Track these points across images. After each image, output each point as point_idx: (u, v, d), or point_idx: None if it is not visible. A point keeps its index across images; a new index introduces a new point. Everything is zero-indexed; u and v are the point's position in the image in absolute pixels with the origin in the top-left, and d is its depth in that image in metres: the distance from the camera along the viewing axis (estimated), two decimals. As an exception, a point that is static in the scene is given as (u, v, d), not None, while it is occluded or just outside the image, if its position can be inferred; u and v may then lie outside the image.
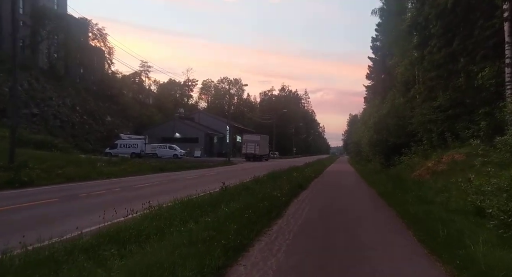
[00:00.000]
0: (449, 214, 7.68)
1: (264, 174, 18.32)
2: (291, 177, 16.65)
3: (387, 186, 13.68)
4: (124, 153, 43.21)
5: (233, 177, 17.93)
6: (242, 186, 12.50)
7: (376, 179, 17.81)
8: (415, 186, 12.65)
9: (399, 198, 10.40)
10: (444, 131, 20.62)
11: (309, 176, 19.34)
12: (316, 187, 15.28)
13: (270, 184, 13.34)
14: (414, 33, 26.71)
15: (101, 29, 63.96)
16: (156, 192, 11.99)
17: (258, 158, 54.47)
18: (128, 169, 20.53)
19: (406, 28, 26.71)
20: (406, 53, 32.36)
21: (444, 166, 15.73)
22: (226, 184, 12.95)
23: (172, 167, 27.30)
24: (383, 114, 26.76)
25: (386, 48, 48.61)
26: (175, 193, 10.47)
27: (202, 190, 12.00)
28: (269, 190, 11.63)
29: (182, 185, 15.27)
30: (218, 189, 11.31)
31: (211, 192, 11.20)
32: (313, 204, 10.27)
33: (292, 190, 12.35)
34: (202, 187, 12.69)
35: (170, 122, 67.34)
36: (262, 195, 10.43)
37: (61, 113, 45.71)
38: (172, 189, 13.08)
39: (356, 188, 15.45)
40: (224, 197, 9.82)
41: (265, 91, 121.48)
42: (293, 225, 7.24)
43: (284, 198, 10.19)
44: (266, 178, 16.17)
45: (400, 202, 9.72)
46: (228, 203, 8.97)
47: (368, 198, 11.83)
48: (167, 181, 16.96)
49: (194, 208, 7.81)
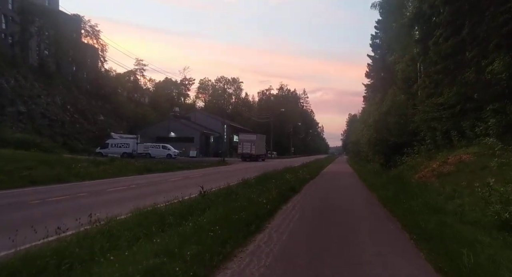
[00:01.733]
0: (468, 229, 6.26)
1: (255, 176, 16.95)
2: (284, 179, 15.21)
3: (389, 189, 12.24)
4: (115, 153, 41.80)
5: (221, 179, 16.50)
6: (225, 191, 11.06)
7: (376, 181, 16.37)
8: (420, 190, 11.21)
9: (403, 205, 8.96)
10: (449, 130, 19.25)
11: (303, 178, 17.88)
12: (310, 190, 13.75)
13: (258, 188, 11.89)
14: (415, 27, 25.45)
15: (94, 26, 62.68)
16: (124, 198, 10.54)
17: (255, 158, 52.98)
18: (109, 170, 19.05)
19: (408, 22, 25.38)
20: (407, 48, 31.14)
21: (451, 168, 14.31)
22: (210, 188, 11.57)
23: (161, 167, 25.84)
24: (383, 112, 25.36)
25: (386, 45, 47.43)
26: (145, 199, 9.04)
27: (180, 195, 10.56)
28: (255, 195, 10.19)
29: (161, 188, 13.81)
30: (197, 194, 9.87)
31: (188, 198, 9.76)
32: (303, 213, 8.78)
33: (282, 195, 10.90)
34: (183, 191, 11.24)
35: (165, 121, 65.84)
36: (245, 201, 9.00)
37: (50, 111, 44.23)
38: (146, 193, 11.61)
39: (354, 192, 13.96)
40: (200, 205, 8.38)
41: (263, 90, 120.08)
42: (275, 244, 5.79)
43: (271, 205, 8.74)
44: (256, 181, 14.72)
45: (405, 210, 8.27)
46: (202, 213, 7.54)
47: (368, 205, 10.31)
48: (146, 184, 15.47)
49: (155, 221, 6.37)
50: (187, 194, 10.63)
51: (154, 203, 7.85)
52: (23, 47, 49.61)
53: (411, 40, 32.64)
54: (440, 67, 14.11)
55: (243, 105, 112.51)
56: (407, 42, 31.41)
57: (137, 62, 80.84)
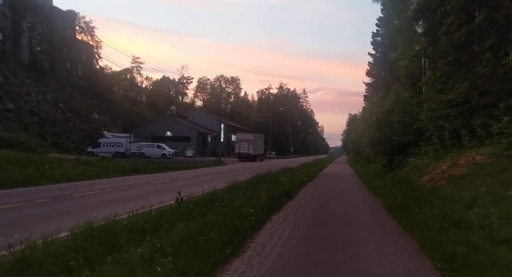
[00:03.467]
0: (506, 252, 4.83)
1: (247, 178, 15.54)
2: (278, 183, 13.77)
3: (396, 195, 10.80)
4: (107, 152, 40.40)
5: (211, 181, 15.07)
6: (209, 196, 9.63)
7: (380, 184, 14.92)
8: (432, 196, 9.77)
9: (415, 215, 7.52)
10: (459, 128, 17.82)
11: (300, 180, 16.43)
12: (306, 196, 12.25)
13: (247, 193, 10.46)
14: (420, 20, 24.08)
15: (88, 22, 61.26)
16: (87, 206, 9.06)
17: (252, 158, 51.54)
18: (89, 171, 17.58)
19: (413, 14, 23.99)
20: (411, 44, 29.81)
21: (464, 170, 12.87)
22: (193, 192, 10.18)
23: (151, 168, 24.39)
24: (386, 109, 23.88)
25: (387, 42, 46.20)
26: (111, 207, 7.63)
27: (157, 201, 9.15)
28: (242, 201, 8.77)
29: (139, 192, 12.35)
30: (174, 201, 8.45)
31: (163, 206, 8.34)
32: (296, 226, 7.25)
33: (273, 201, 9.45)
34: (162, 196, 9.87)
35: (161, 120, 64.44)
36: (229, 210, 7.58)
37: (40, 109, 42.72)
38: (118, 199, 10.12)
39: (356, 198, 12.45)
40: (172, 216, 6.94)
41: (262, 90, 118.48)
42: (254, 275, 4.36)
43: (258, 215, 7.29)
44: (247, 184, 13.29)
45: (419, 223, 6.83)
46: (170, 228, 6.10)
47: (374, 215, 8.80)
48: (125, 187, 13.94)
49: (102, 242, 4.93)
50: (166, 199, 9.22)
51: (115, 214, 6.42)
52: (14, 43, 48.11)
53: (415, 35, 31.35)
54: (451, 59, 12.70)
55: (242, 104, 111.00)
56: (410, 37, 30.12)
57: (133, 60, 79.32)
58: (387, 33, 44.14)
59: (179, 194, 8.30)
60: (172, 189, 11.63)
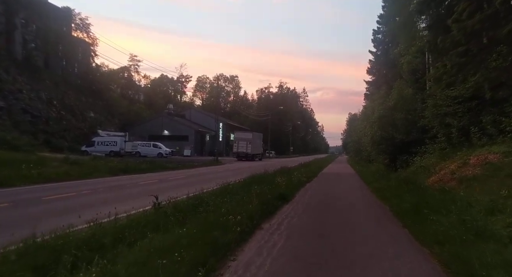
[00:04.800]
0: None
1: (242, 179, 14.47)
2: (274, 183, 12.70)
3: (403, 198, 9.70)
4: (102, 151, 39.32)
5: (203, 182, 14.03)
6: (194, 200, 8.55)
7: (384, 186, 13.83)
8: (445, 199, 8.69)
9: (431, 224, 6.44)
10: (467, 126, 16.75)
11: (298, 180, 15.33)
12: (304, 199, 11.10)
13: (238, 196, 9.38)
14: (425, 13, 23.07)
15: (84, 19, 60.07)
16: (51, 212, 7.96)
17: (251, 157, 50.43)
18: (72, 171, 16.47)
19: (416, 7, 22.96)
20: (414, 38, 28.85)
21: (476, 170, 11.80)
22: (177, 196, 9.13)
23: (143, 168, 23.30)
24: (389, 107, 22.80)
25: (388, 39, 45.29)
26: (78, 214, 6.55)
27: (135, 206, 8.09)
28: (231, 206, 7.71)
29: (120, 195, 11.25)
30: (151, 207, 7.38)
31: (138, 212, 7.27)
32: (290, 237, 6.07)
33: (266, 206, 8.36)
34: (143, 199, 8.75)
35: (158, 118, 63.36)
36: (211, 218, 6.51)
37: (33, 107, 41.60)
38: (90, 204, 8.97)
39: (360, 202, 11.29)
40: (143, 225, 5.86)
41: (262, 89, 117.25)
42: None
43: (244, 225, 6.19)
44: (240, 185, 12.22)
45: (437, 234, 5.74)
46: (139, 240, 5.02)
47: (381, 223, 7.57)
48: (105, 189, 12.75)
49: (38, 265, 3.85)
50: (145, 204, 8.14)
51: (70, 225, 5.33)
52: (7, 39, 46.97)
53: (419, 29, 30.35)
54: (462, 50, 11.63)
55: (241, 103, 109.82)
56: (413, 32, 29.15)
57: (131, 58, 78.19)
58: (388, 29, 43.20)
59: (157, 198, 7.22)
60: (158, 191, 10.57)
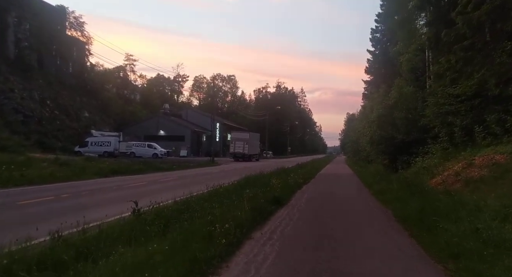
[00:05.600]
0: None
1: (236, 180, 13.80)
2: (269, 185, 12.02)
3: (407, 201, 9.04)
4: (95, 152, 38.56)
5: (194, 184, 13.34)
6: (180, 205, 7.85)
7: (385, 188, 13.16)
8: (452, 204, 8.02)
9: (441, 233, 5.76)
10: (470, 125, 16.12)
11: (295, 182, 14.64)
12: (300, 202, 10.34)
13: (229, 200, 8.69)
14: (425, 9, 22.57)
15: (78, 17, 59.21)
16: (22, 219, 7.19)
17: (248, 158, 49.74)
18: (58, 173, 15.72)
19: (416, 3, 22.45)
20: (413, 36, 28.32)
21: (482, 172, 11.15)
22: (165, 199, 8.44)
23: (135, 169, 22.59)
24: (388, 105, 22.16)
25: (387, 38, 44.77)
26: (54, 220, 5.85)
27: (115, 212, 7.38)
28: (220, 212, 7.02)
29: (101, 199, 10.45)
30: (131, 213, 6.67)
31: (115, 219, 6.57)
32: (282, 252, 5.30)
33: (258, 212, 7.66)
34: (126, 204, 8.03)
35: (154, 118, 62.59)
36: (195, 228, 5.82)
37: (25, 107, 40.76)
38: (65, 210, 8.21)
39: (360, 205, 10.50)
40: (115, 237, 5.16)
41: (259, 88, 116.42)
42: None
43: (232, 236, 5.48)
44: (233, 188, 11.55)
45: (450, 245, 5.07)
46: (108, 254, 4.32)
47: (384, 231, 6.74)
48: (88, 193, 11.78)
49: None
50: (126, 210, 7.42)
51: (28, 237, 4.62)
52: (1, 38, 46.08)
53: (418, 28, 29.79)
54: (467, 44, 11.00)
55: (239, 103, 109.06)
56: (413, 30, 28.63)
57: (126, 57, 77.27)
58: (387, 28, 42.63)
59: (136, 204, 6.51)
60: (144, 195, 9.88)
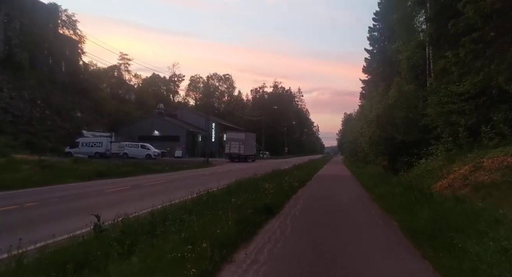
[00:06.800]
0: None
1: (227, 184, 12.83)
2: (261, 190, 11.03)
3: (414, 210, 8.06)
4: (86, 153, 37.53)
5: (182, 188, 12.33)
6: (156, 216, 6.83)
7: (386, 192, 12.19)
8: (465, 213, 7.06)
9: (462, 255, 4.79)
10: (476, 124, 15.20)
11: (290, 186, 13.62)
12: (294, 210, 9.16)
13: (213, 209, 7.70)
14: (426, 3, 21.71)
15: (71, 15, 58.04)
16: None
17: (243, 158, 48.71)
18: (34, 177, 14.65)
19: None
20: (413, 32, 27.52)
21: (494, 175, 10.19)
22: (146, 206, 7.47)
23: (123, 171, 21.55)
24: (388, 104, 21.23)
25: (385, 36, 44.00)
26: None
27: (77, 225, 6.36)
28: (200, 225, 6.03)
29: (68, 208, 9.25)
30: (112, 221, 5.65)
31: (71, 238, 5.55)
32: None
33: (242, 226, 6.57)
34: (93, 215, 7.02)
35: (148, 118, 61.47)
36: (167, 249, 4.82)
37: (14, 106, 39.67)
38: (18, 224, 7.11)
39: (361, 214, 9.23)
40: (52, 268, 4.16)
41: (256, 88, 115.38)
42: None
43: (203, 263, 4.46)
44: (221, 193, 10.56)
45: (476, 273, 4.12)
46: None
47: (393, 252, 5.68)
48: (58, 200, 10.63)
49: None
50: (91, 222, 6.39)
51: None
52: (-11, 36, 44.92)
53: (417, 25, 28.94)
54: (476, 36, 10.07)
55: (236, 103, 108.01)
56: (412, 26, 27.84)
57: (121, 57, 76.03)
58: (384, 26, 41.82)
59: (98, 218, 5.50)
60: (119, 202, 8.89)
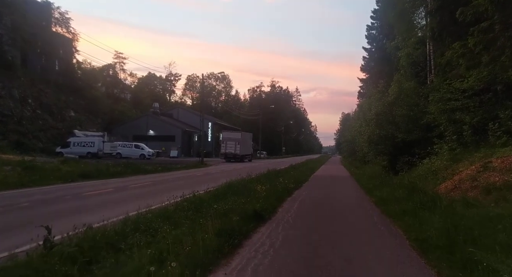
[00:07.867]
0: None
1: (218, 186, 11.96)
2: (253, 192, 10.15)
3: (422, 217, 7.19)
4: (78, 153, 36.55)
5: (169, 190, 11.41)
6: (128, 225, 5.93)
7: (388, 195, 11.29)
8: (480, 220, 6.20)
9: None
10: (483, 122, 14.39)
11: (285, 188, 12.73)
12: (288, 216, 8.17)
13: (195, 216, 6.80)
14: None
15: (64, 13, 56.92)
16: None
17: (240, 158, 47.81)
18: (11, 178, 13.68)
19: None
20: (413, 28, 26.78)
21: (506, 177, 9.34)
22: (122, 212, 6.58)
23: (111, 172, 20.55)
24: (388, 102, 20.39)
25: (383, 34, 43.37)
26: None
27: (30, 237, 5.45)
28: (173, 239, 5.13)
29: (36, 215, 8.14)
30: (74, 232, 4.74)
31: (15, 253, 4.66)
32: None
33: (225, 238, 5.64)
34: (59, 223, 6.16)
35: (143, 118, 60.45)
36: (129, 270, 3.92)
37: (3, 105, 38.61)
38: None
39: (362, 222, 7.96)
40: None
41: (253, 88, 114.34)
42: None
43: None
44: (209, 196, 9.66)
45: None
46: None
47: (402, 271, 4.73)
48: (26, 206, 9.35)
49: None
50: (54, 233, 5.46)
51: None
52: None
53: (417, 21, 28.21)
54: (485, 25, 9.25)
55: (233, 103, 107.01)
56: (411, 22, 27.12)
57: (116, 55, 74.92)
58: (383, 24, 41.12)
59: (49, 231, 4.59)
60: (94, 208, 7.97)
